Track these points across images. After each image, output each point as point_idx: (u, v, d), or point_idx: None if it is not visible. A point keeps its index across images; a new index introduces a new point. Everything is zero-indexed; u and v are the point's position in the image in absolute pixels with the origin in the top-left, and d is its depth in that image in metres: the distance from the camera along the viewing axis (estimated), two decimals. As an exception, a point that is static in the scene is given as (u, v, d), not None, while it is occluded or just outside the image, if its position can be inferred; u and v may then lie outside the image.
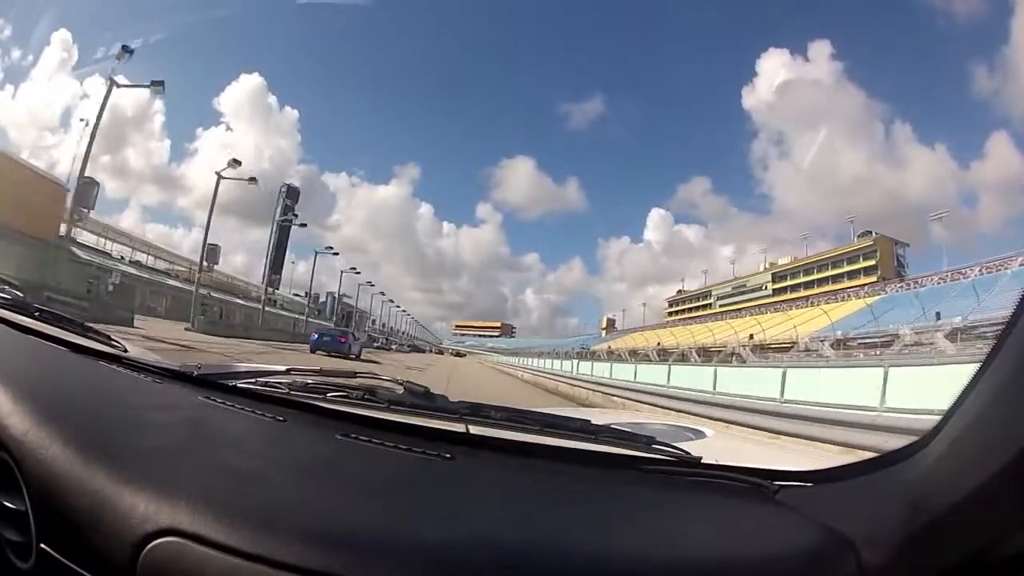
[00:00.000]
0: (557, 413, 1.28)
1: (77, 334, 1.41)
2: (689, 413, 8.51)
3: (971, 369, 0.61)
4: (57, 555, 0.67)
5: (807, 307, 47.84)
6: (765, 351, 38.67)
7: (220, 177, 31.94)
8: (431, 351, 67.45)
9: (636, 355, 45.89)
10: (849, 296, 46.64)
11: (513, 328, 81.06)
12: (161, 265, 45.17)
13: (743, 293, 60.22)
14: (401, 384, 1.14)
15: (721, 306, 61.65)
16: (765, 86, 59.43)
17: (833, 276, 52.39)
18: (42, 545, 0.69)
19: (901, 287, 43.90)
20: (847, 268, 51.70)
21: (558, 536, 0.66)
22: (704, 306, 64.40)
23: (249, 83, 65.60)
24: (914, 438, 0.69)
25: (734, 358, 36.04)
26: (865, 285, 47.82)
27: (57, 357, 1.25)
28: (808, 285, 53.93)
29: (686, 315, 65.05)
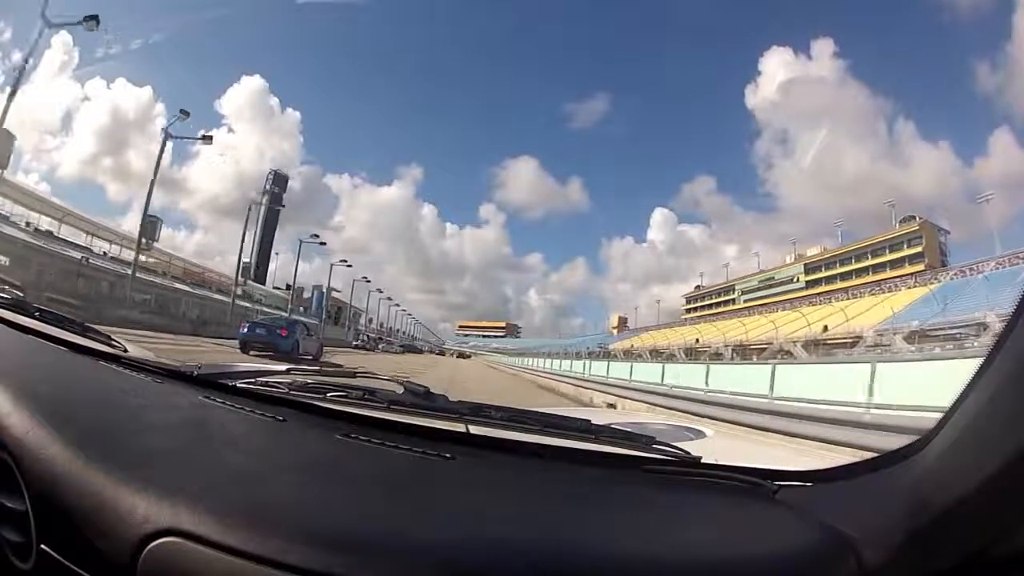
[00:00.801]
0: (557, 413, 1.29)
1: (77, 334, 1.42)
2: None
3: (971, 369, 0.61)
4: (57, 555, 0.67)
5: (849, 299, 43.40)
6: (821, 346, 34.54)
7: (169, 136, 30.41)
8: (431, 352, 63.01)
9: (660, 355, 42.97)
10: (898, 286, 42.25)
11: (518, 328, 79.92)
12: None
13: (772, 287, 56.18)
14: (401, 384, 1.15)
15: (746, 301, 57.43)
16: (770, 85, 58.36)
17: (874, 265, 47.58)
18: (42, 546, 0.69)
19: (954, 275, 39.51)
20: (890, 256, 47.13)
21: (559, 536, 0.66)
22: (727, 302, 60.51)
23: (251, 84, 65.25)
24: (914, 438, 0.69)
25: (780, 355, 32.66)
26: (915, 274, 43.48)
27: (57, 357, 1.25)
28: (845, 276, 49.28)
29: (707, 312, 61.40)
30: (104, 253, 38.37)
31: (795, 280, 54.19)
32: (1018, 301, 0.58)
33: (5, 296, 1.69)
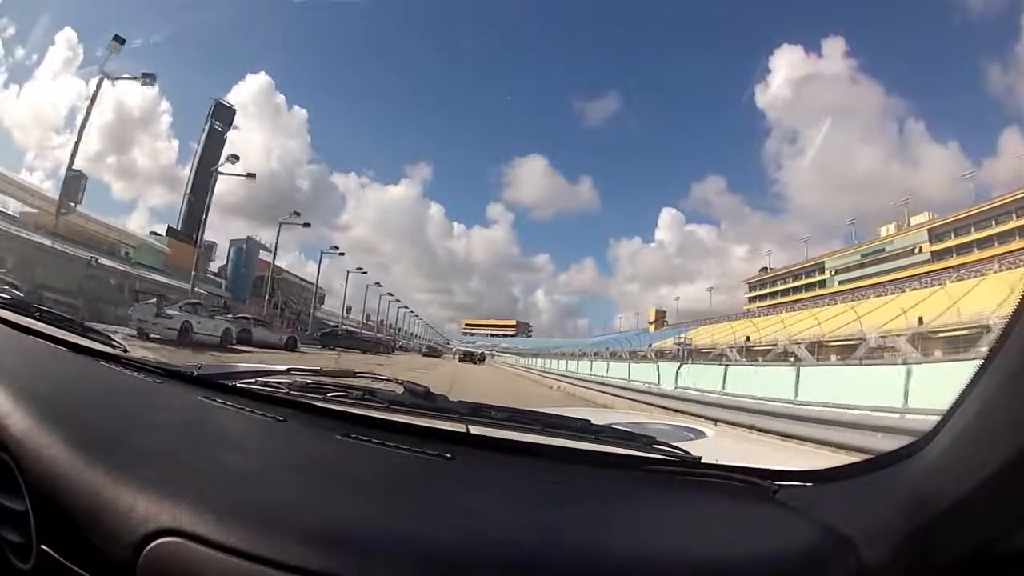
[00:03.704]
0: (557, 413, 1.29)
1: (77, 334, 1.42)
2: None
3: (971, 369, 0.61)
4: (57, 555, 0.67)
5: (1008, 269, 33.30)
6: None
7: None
8: (420, 352, 45.68)
9: (759, 354, 34.11)
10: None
11: (529, 327, 76.68)
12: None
13: (883, 261, 44.35)
14: (401, 384, 1.15)
15: (842, 283, 45.89)
16: (782, 83, 54.83)
17: (1021, 228, 36.92)
18: (42, 546, 0.69)
19: None
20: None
21: (558, 536, 0.66)
22: (811, 285, 48.74)
23: (256, 82, 63.38)
24: (914, 438, 0.69)
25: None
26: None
27: (57, 357, 1.25)
28: (984, 243, 38.03)
29: (783, 300, 49.70)
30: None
31: (917, 251, 43.20)
32: (1018, 301, 0.58)
33: (5, 296, 1.69)
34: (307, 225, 38.73)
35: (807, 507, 0.73)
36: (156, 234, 42.36)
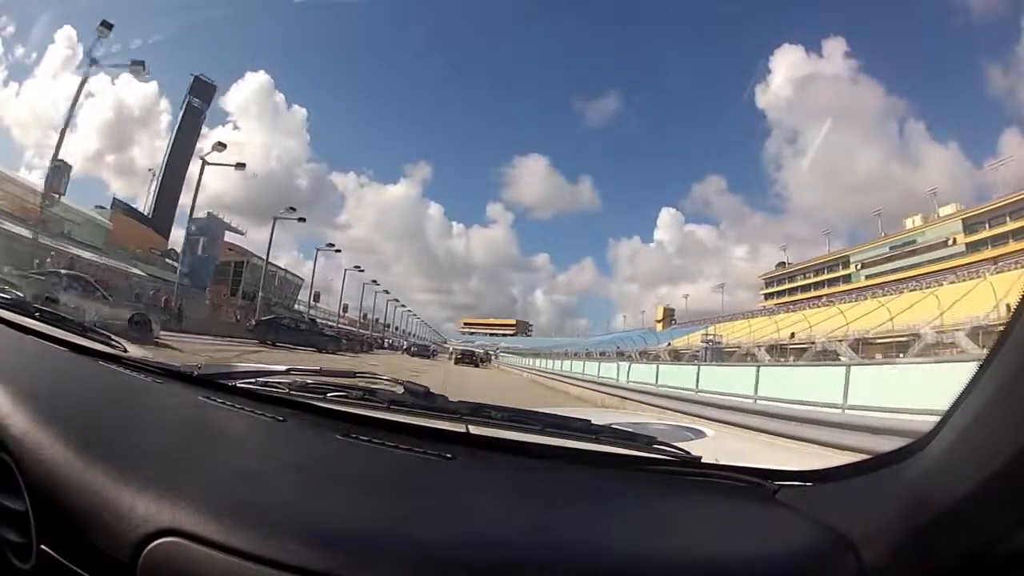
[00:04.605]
0: (557, 413, 1.29)
1: (77, 334, 1.42)
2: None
3: (971, 369, 0.61)
4: (57, 556, 0.67)
5: None
6: None
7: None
8: (409, 351, 36.10)
9: (784, 352, 32.09)
10: None
11: (529, 326, 75.79)
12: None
13: (914, 254, 41.26)
14: (401, 384, 1.15)
15: (869, 277, 42.72)
16: (783, 84, 53.85)
17: None
18: (42, 546, 0.69)
19: None
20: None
21: (558, 536, 0.66)
22: (836, 280, 45.41)
23: (255, 81, 62.69)
24: (914, 438, 0.69)
25: None
26: None
27: (57, 357, 1.25)
28: (1018, 234, 35.19)
29: (803, 296, 46.32)
30: None
31: (950, 243, 39.63)
32: (1018, 301, 0.58)
33: (5, 296, 1.70)
34: (302, 220, 34.71)
35: (807, 507, 0.73)
36: (101, 207, 37.95)
